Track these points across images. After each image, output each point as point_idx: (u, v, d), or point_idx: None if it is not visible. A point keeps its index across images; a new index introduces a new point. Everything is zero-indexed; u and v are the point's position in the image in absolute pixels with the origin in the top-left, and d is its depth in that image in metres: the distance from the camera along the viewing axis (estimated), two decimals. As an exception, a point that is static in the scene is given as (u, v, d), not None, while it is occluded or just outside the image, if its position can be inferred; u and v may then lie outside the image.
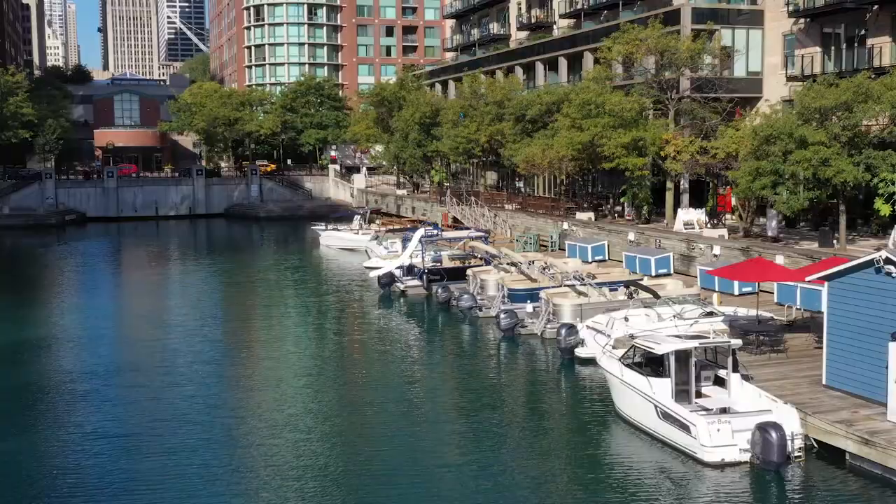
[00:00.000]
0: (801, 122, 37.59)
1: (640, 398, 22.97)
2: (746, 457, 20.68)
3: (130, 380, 30.70)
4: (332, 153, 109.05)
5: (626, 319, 32.36)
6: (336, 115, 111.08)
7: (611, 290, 36.80)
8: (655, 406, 22.29)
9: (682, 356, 22.58)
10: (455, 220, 66.62)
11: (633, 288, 34.77)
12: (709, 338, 22.85)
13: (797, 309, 33.11)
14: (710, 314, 32.04)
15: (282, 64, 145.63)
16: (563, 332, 31.13)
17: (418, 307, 43.64)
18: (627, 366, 24.00)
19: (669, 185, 49.93)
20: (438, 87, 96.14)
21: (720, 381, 23.62)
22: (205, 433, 24.62)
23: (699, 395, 23.03)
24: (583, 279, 36.97)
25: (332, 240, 67.85)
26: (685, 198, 53.18)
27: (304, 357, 34.18)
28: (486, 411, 26.56)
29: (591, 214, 54.90)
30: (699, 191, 53.62)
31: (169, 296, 50.30)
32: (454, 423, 25.49)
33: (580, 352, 31.08)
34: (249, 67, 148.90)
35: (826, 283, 23.65)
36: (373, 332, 38.66)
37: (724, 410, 21.97)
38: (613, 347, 27.20)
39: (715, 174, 45.78)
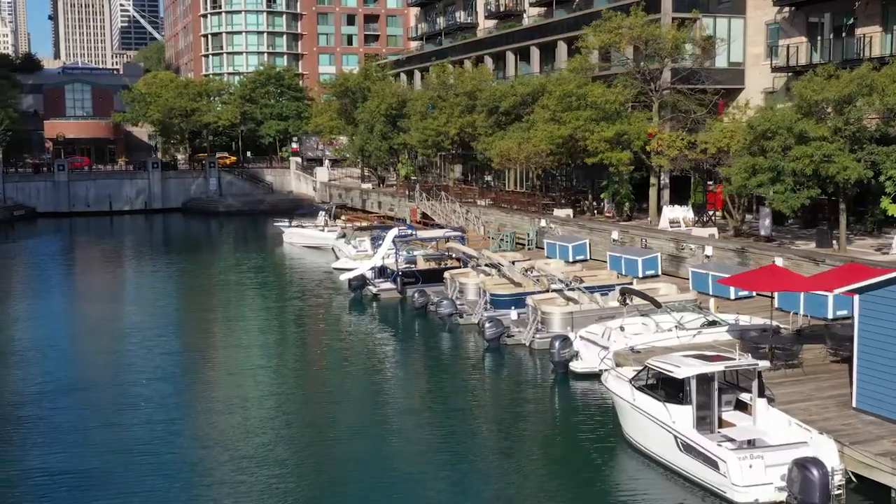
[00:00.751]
0: (801, 115, 35.45)
1: (656, 426, 20.57)
2: (783, 496, 18.32)
3: (81, 401, 27.67)
4: (294, 145, 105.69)
5: (622, 329, 30.10)
6: (297, 106, 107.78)
7: (602, 294, 34.42)
8: (675, 437, 19.89)
9: (705, 380, 20.21)
10: (424, 215, 63.96)
11: (627, 295, 32.39)
12: (734, 359, 20.49)
13: (803, 316, 30.97)
14: (713, 323, 29.84)
15: (240, 53, 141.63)
16: (556, 344, 28.67)
17: (392, 313, 40.95)
18: (639, 388, 21.59)
19: (653, 180, 47.71)
20: (404, 77, 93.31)
21: (741, 405, 21.31)
22: (163, 466, 21.82)
23: (721, 422, 20.69)
24: (569, 284, 34.56)
25: (295, 237, 64.83)
26: (666, 194, 51.08)
27: (270, 373, 31.28)
28: (475, 435, 24.04)
29: (569, 211, 52.54)
30: (681, 187, 51.53)
31: (124, 301, 47.00)
32: (439, 452, 22.82)
33: (575, 366, 28.65)
34: (206, 56, 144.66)
35: (856, 297, 21.38)
36: (344, 342, 35.85)
37: (751, 442, 19.63)
38: (617, 364, 24.78)
39: (704, 170, 43.60)
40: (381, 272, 44.28)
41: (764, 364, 20.85)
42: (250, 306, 43.98)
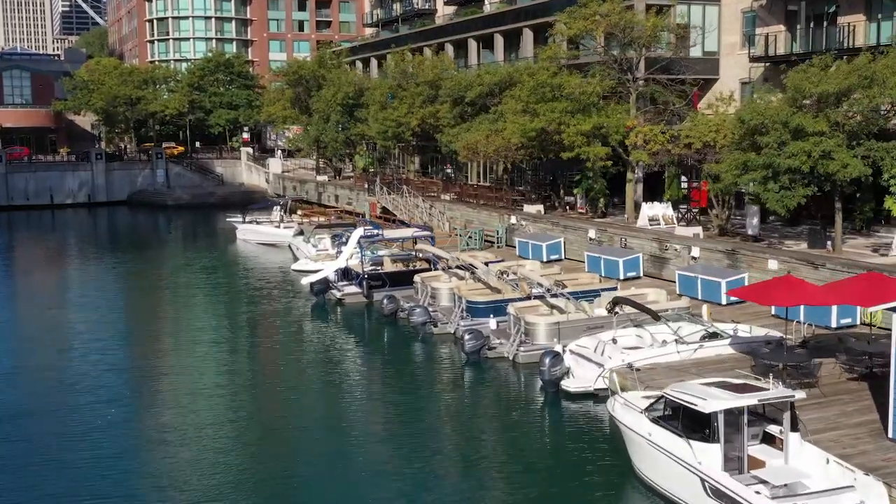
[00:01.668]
0: (795, 108, 33.34)
1: (678, 466, 18.16)
2: (832, 553, 16.07)
3: (16, 431, 24.54)
4: (245, 135, 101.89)
5: (615, 341, 27.72)
6: (247, 95, 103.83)
7: (588, 301, 32.03)
8: (702, 480, 17.49)
9: (733, 415, 17.82)
10: (385, 210, 61.09)
11: (619, 304, 30.01)
12: (765, 388, 18.13)
13: (807, 325, 28.86)
14: (714, 335, 27.59)
15: (187, 39, 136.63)
16: (547, 360, 26.15)
17: (359, 320, 38.16)
18: (656, 421, 19.15)
19: (630, 176, 45.40)
20: (360, 65, 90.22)
21: (768, 437, 18.98)
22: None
23: (749, 460, 18.31)
24: (552, 290, 32.05)
25: (249, 234, 61.53)
26: (639, 189, 48.91)
27: (225, 394, 28.09)
28: (459, 466, 21.42)
29: (539, 207, 50.05)
30: (654, 182, 49.39)
31: (66, 306, 43.39)
32: (419, 488, 20.18)
33: (568, 384, 26.18)
34: (152, 42, 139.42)
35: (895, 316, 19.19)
36: (306, 354, 32.91)
37: (789, 486, 17.27)
38: (621, 388, 22.31)
39: (687, 166, 41.40)
40: (346, 274, 41.44)
41: (801, 395, 18.51)
42: (202, 313, 40.80)
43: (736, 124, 35.88)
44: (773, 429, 18.83)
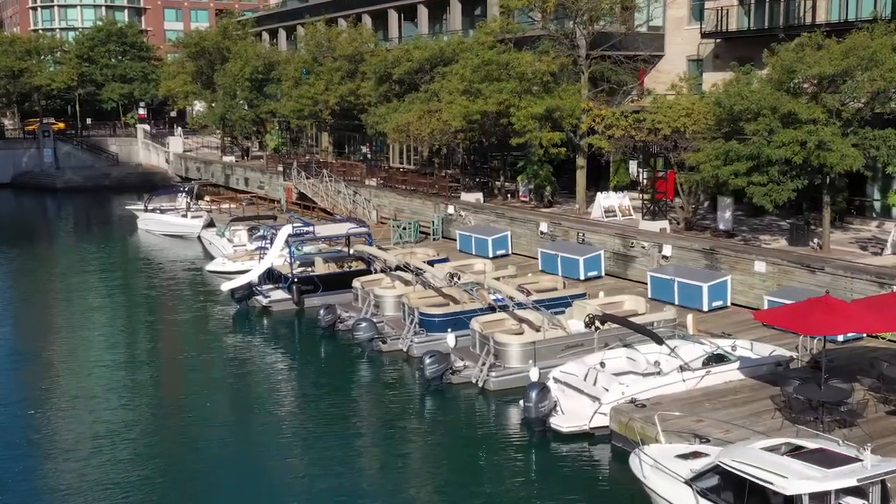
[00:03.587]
0: (783, 92, 29.88)
1: (746, 559, 14.30)
2: None
3: None
4: (141, 111, 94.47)
5: (603, 365, 23.79)
6: (143, 67, 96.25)
7: (559, 312, 27.97)
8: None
9: (819, 498, 13.99)
10: (302, 196, 55.94)
11: (604, 321, 26.08)
12: (858, 460, 14.37)
13: (816, 341, 25.42)
14: (721, 358, 23.87)
15: (73, 6, 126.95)
16: (533, 395, 21.93)
17: (290, 333, 33.29)
18: (707, 495, 15.21)
19: (581, 162, 41.51)
20: (266, 36, 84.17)
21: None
22: None
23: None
24: (523, 304, 27.84)
25: (152, 223, 55.47)
26: (581, 176, 45.13)
27: (127, 434, 23.03)
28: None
29: (479, 195, 45.79)
30: (598, 168, 45.71)
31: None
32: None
33: (559, 423, 22.05)
34: (34, 9, 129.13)
35: None
36: (228, 379, 27.68)
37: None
38: (650, 448, 18.31)
39: (652, 153, 37.70)
40: (270, 276, 36.47)
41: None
42: (101, 322, 34.96)
43: (712, 108, 32.27)
44: (850, 501, 15.11)
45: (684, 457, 16.77)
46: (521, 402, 22.66)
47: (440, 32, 59.16)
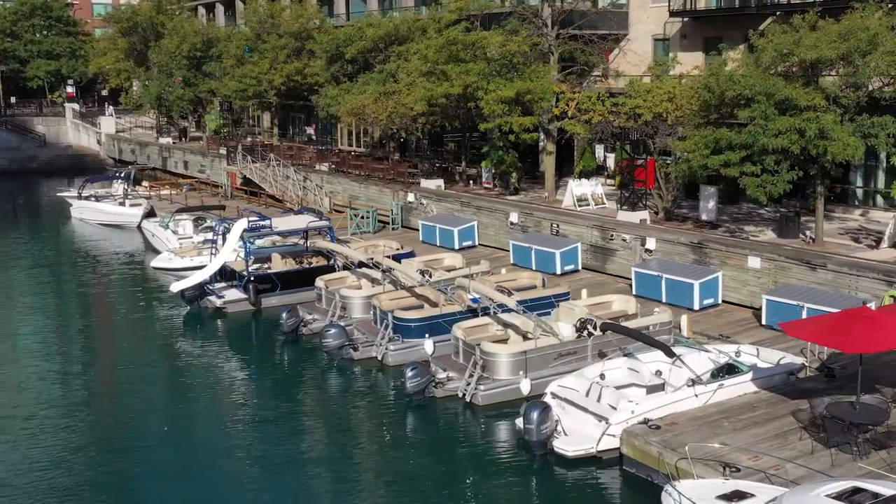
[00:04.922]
0: (777, 76, 28.09)
1: None
2: None
3: None
4: (69, 89, 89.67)
5: (603, 377, 21.78)
6: (70, 42, 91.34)
7: (537, 312, 25.74)
8: None
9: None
10: (247, 181, 52.88)
11: (589, 324, 24.04)
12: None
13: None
14: (731, 369, 22.02)
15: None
16: (534, 416, 19.75)
17: (247, 337, 30.59)
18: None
19: (550, 148, 39.39)
20: (203, 11, 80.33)
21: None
22: None
23: None
24: (503, 305, 25.65)
25: (87, 212, 51.86)
26: (550, 162, 43.05)
27: (61, 461, 20.53)
28: None
29: (439, 182, 43.39)
30: (562, 153, 43.62)
31: None
32: None
33: (563, 446, 19.92)
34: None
35: None
36: (180, 394, 24.98)
37: None
38: (686, 486, 16.31)
39: (631, 140, 35.70)
40: (223, 273, 33.68)
41: None
42: (28, 329, 31.56)
43: (698, 93, 30.35)
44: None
45: (727, 498, 14.80)
46: (519, 421, 20.53)
47: (391, 9, 56.42)
